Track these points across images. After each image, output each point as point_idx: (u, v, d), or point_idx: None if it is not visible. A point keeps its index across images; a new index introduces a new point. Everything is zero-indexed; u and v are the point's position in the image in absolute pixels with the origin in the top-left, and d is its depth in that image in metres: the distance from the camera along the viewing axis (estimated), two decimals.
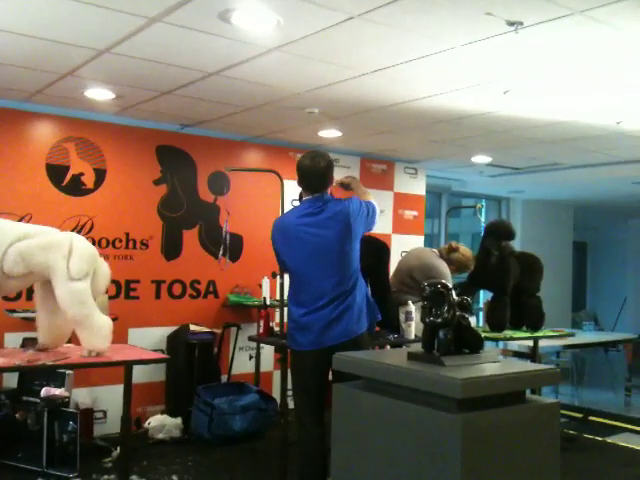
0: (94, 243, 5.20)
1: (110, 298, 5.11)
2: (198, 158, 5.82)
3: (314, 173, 3.46)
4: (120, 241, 5.40)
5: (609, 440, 5.64)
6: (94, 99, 4.78)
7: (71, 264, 3.12)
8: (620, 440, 5.66)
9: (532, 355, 5.61)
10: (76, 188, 5.21)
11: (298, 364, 3.47)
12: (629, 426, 6.18)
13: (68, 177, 5.17)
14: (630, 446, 5.46)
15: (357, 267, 3.48)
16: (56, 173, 5.12)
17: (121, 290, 5.38)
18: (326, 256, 3.38)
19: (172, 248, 5.69)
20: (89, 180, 5.27)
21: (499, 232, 5.18)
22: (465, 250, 4.98)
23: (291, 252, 3.46)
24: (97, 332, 3.20)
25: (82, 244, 3.27)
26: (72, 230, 5.08)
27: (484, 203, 9.47)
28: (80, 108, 5.11)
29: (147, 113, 5.25)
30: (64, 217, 5.10)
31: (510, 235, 5.22)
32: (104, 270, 3.36)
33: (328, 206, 3.46)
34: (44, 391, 4.39)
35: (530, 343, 5.64)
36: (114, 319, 4.97)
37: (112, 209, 5.37)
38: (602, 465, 4.94)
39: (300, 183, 3.51)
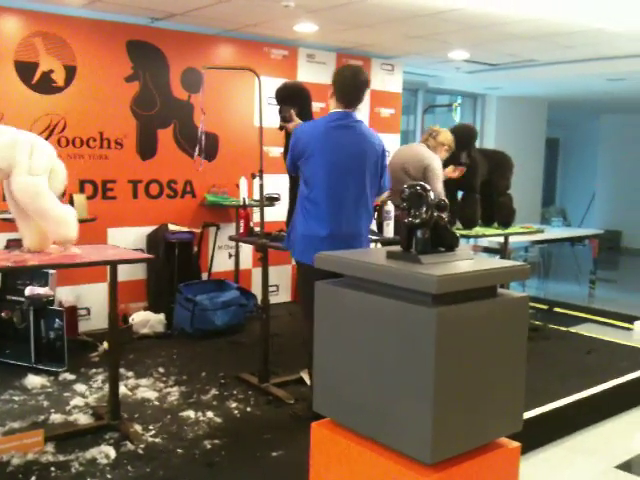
0: (68, 143, 5.15)
1: (87, 199, 5.13)
2: (170, 54, 5.66)
3: (356, 86, 3.39)
4: (94, 140, 5.32)
5: (572, 330, 5.94)
6: None
7: (33, 160, 3.17)
8: (583, 330, 5.97)
9: (502, 251, 5.81)
10: (46, 86, 5.07)
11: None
12: (592, 316, 6.50)
13: (38, 74, 5.02)
14: (592, 335, 5.75)
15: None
16: (25, 70, 4.96)
17: (98, 190, 5.36)
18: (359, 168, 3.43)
19: (147, 147, 5.63)
20: (59, 77, 5.12)
21: (466, 141, 5.13)
22: (445, 129, 4.94)
23: (322, 159, 3.37)
24: (61, 221, 3.24)
25: (43, 142, 3.33)
26: (45, 129, 5.03)
27: (460, 100, 9.41)
28: (47, 1, 4.89)
29: (116, 6, 5.05)
30: (36, 116, 5.00)
31: (474, 138, 5.26)
32: (61, 169, 3.37)
33: (361, 126, 3.47)
34: (28, 290, 4.47)
35: (500, 239, 5.82)
36: (92, 219, 5.02)
37: (84, 107, 5.25)
38: (565, 352, 5.23)
39: (339, 93, 3.40)
